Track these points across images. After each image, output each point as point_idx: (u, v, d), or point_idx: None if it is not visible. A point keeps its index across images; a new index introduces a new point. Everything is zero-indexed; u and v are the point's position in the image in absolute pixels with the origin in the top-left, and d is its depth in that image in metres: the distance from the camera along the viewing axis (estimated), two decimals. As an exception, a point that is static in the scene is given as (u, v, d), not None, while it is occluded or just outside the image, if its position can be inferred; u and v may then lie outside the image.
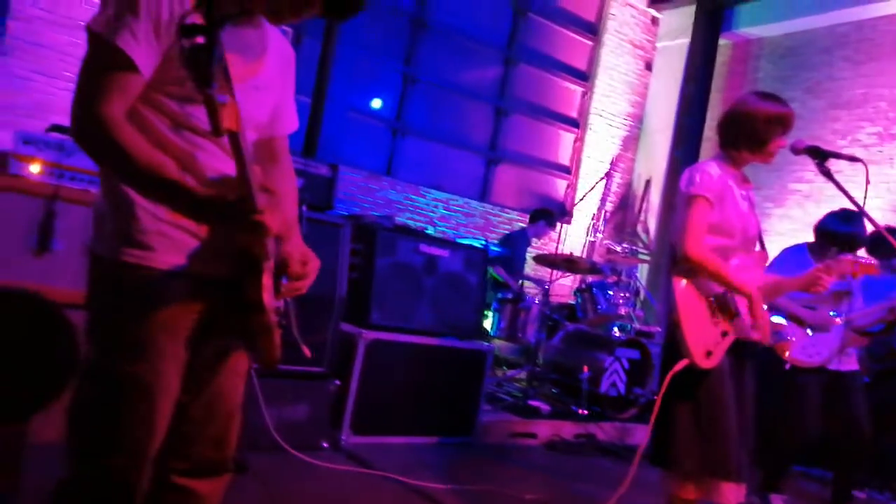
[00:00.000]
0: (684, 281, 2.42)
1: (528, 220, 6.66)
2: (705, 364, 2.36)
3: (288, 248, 1.51)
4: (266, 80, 1.50)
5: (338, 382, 3.50)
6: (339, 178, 3.78)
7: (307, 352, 1.69)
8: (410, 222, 6.94)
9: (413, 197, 7.37)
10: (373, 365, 3.64)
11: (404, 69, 7.48)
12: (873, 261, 2.75)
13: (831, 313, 3.52)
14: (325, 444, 3.45)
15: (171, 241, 1.35)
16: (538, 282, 6.07)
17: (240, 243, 1.31)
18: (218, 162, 1.39)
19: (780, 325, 3.54)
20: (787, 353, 3.52)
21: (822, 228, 3.62)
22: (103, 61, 1.29)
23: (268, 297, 1.36)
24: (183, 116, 1.36)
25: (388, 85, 7.48)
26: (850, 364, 3.64)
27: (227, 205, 1.27)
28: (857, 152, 6.58)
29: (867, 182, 2.44)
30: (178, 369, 1.39)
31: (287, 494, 2.85)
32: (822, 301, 3.46)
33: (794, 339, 3.51)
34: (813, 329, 3.48)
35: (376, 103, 7.46)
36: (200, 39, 1.03)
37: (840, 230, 3.53)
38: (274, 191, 1.60)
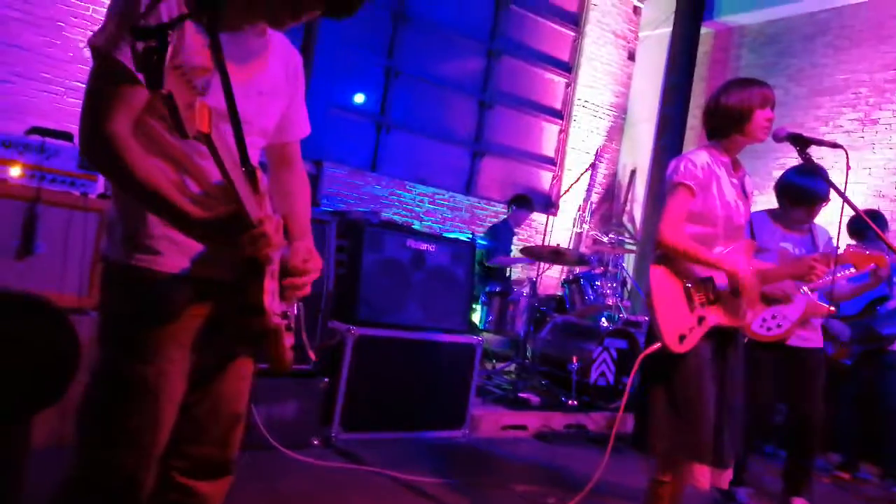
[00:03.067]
0: (662, 267, 2.46)
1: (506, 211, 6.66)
2: (678, 348, 2.39)
3: (294, 247, 1.54)
4: (271, 85, 1.52)
5: (327, 380, 3.49)
6: (323, 175, 3.78)
7: (313, 356, 1.70)
8: (396, 217, 6.94)
9: (398, 192, 7.36)
10: (362, 361, 3.64)
11: (387, 63, 7.45)
12: (883, 252, 2.71)
13: (804, 290, 3.33)
14: (315, 442, 3.44)
15: (177, 246, 1.38)
16: (526, 263, 6.09)
17: (243, 254, 1.32)
18: None
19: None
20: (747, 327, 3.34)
21: (782, 183, 3.48)
22: (107, 76, 1.30)
23: (269, 300, 1.37)
24: None
25: (370, 79, 7.45)
26: (813, 341, 3.47)
27: (222, 225, 1.27)
28: (839, 138, 6.64)
29: (848, 168, 2.45)
30: (184, 371, 1.41)
31: (279, 492, 2.85)
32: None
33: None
34: (771, 301, 3.30)
35: (359, 98, 7.42)
36: (153, 42, 1.03)
37: (799, 182, 3.37)
38: (287, 193, 1.67)
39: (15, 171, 2.85)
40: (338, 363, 3.57)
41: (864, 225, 3.71)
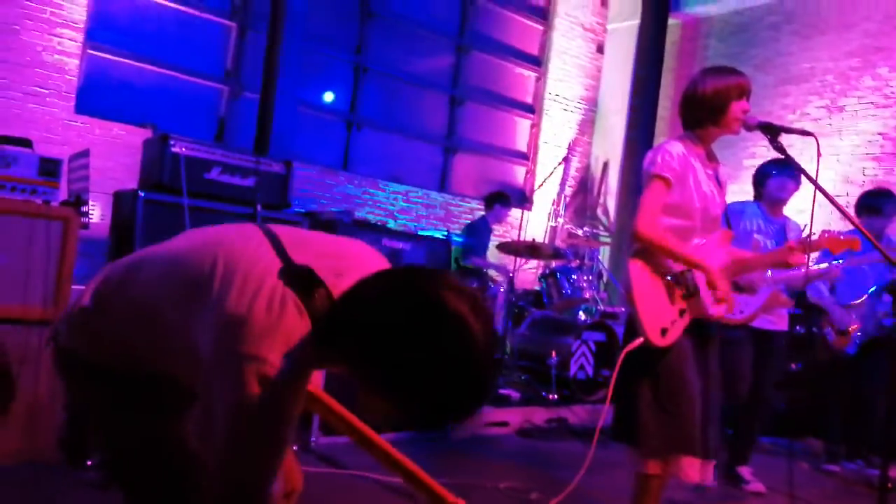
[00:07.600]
0: (640, 260, 2.42)
1: (484, 208, 6.61)
2: (660, 342, 2.37)
3: None
4: None
5: (304, 384, 3.44)
6: (293, 175, 3.71)
7: None
8: (370, 217, 6.88)
9: (371, 191, 7.29)
10: (339, 363, 3.58)
11: (355, 59, 7.37)
12: (855, 236, 2.73)
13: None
14: (294, 448, 3.38)
15: None
16: (502, 269, 6.07)
17: None
18: None
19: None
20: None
21: (758, 174, 3.78)
22: None
23: None
24: None
25: (339, 76, 7.37)
26: (777, 324, 3.69)
27: None
28: (807, 126, 6.72)
29: (819, 155, 2.45)
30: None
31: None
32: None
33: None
34: (740, 289, 3.37)
35: (328, 96, 7.34)
36: None
37: (771, 171, 3.69)
38: None
39: (-29, 181, 2.74)
40: (315, 367, 3.51)
41: (867, 204, 4.07)
